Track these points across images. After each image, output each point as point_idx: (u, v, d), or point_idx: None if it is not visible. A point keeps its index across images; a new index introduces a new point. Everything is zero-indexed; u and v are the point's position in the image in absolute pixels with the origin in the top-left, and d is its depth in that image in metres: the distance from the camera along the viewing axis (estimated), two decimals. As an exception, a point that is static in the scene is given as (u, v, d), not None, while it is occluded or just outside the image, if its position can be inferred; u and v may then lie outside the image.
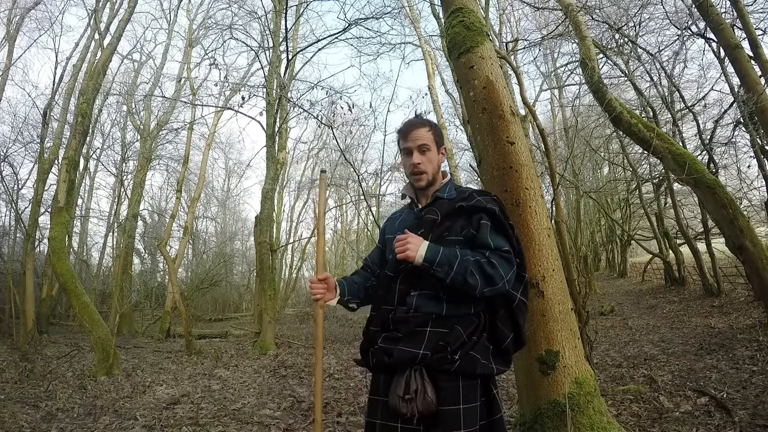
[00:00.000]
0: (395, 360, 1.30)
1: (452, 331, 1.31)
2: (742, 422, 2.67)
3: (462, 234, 1.38)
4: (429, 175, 1.47)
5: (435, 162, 1.49)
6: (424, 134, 1.48)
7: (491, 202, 1.41)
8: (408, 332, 1.33)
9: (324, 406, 3.93)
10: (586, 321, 3.74)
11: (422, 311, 1.34)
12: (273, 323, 8.27)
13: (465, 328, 1.32)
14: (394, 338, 1.34)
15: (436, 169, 1.49)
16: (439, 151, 1.52)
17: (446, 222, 1.40)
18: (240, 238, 26.69)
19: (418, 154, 1.46)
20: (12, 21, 11.66)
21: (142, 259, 20.26)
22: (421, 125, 1.49)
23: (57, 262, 6.13)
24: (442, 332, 1.31)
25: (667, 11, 8.41)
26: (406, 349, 1.30)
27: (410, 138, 1.47)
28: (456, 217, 1.40)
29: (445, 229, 1.39)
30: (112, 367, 5.79)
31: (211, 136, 15.62)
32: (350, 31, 8.67)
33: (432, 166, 1.48)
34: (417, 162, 1.45)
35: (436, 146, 1.49)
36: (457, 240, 1.37)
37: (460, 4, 2.85)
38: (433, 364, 1.28)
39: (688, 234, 10.15)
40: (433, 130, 1.51)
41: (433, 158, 1.48)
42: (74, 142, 6.82)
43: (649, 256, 13.69)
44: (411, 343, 1.31)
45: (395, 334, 1.34)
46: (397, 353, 1.30)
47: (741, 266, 6.73)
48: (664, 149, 5.54)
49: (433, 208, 1.45)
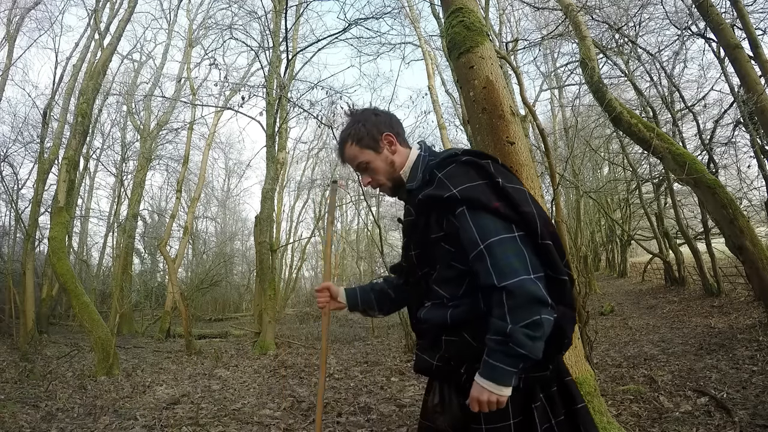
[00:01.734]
0: (417, 369, 1.25)
1: (459, 339, 1.14)
2: (742, 422, 2.67)
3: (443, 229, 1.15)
4: (386, 182, 1.31)
5: (382, 165, 1.29)
6: (351, 153, 1.31)
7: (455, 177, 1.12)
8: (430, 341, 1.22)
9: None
10: (586, 321, 3.74)
11: (431, 323, 1.21)
12: (273, 323, 8.27)
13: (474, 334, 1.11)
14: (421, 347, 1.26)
15: (389, 170, 1.29)
16: (380, 148, 1.28)
17: (421, 220, 1.19)
18: (240, 238, 26.69)
19: (362, 174, 1.34)
20: (12, 21, 11.66)
21: (142, 259, 20.26)
22: (343, 144, 1.33)
23: (57, 262, 6.14)
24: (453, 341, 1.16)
25: (667, 11, 8.42)
26: (425, 359, 1.22)
27: (347, 164, 1.36)
28: (427, 212, 1.17)
29: (423, 228, 1.19)
30: (112, 367, 5.79)
31: (211, 136, 15.63)
32: (350, 31, 8.69)
33: (382, 173, 1.30)
34: (366, 183, 1.34)
35: (371, 150, 1.28)
36: (440, 237, 1.16)
37: (460, 4, 2.85)
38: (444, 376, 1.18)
39: (688, 234, 10.15)
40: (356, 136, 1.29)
41: (377, 164, 1.29)
42: (74, 142, 6.82)
43: (649, 256, 13.69)
44: (430, 352, 1.21)
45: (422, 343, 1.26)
46: (419, 362, 1.24)
47: (741, 266, 6.72)
48: (664, 149, 5.54)
49: (408, 207, 1.27)
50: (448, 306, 1.17)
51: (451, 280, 1.17)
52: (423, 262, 1.23)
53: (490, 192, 1.09)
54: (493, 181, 1.10)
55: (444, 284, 1.19)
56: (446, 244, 1.15)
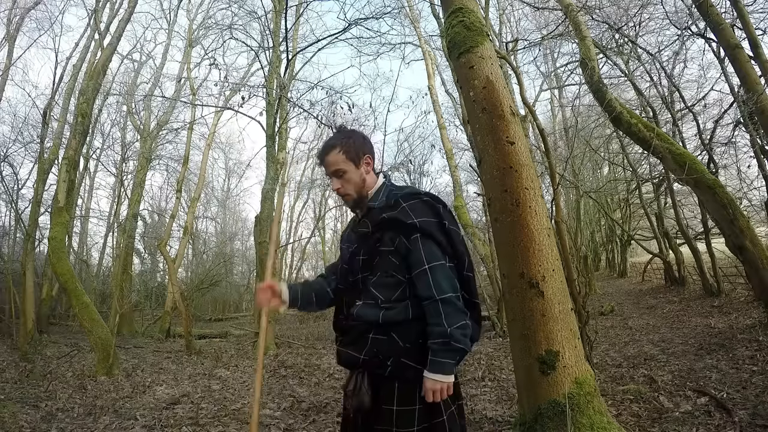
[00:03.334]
0: (343, 362, 1.49)
1: (388, 338, 1.40)
2: (742, 422, 2.67)
3: (394, 245, 1.42)
4: (353, 194, 1.52)
5: (356, 179, 1.50)
6: (335, 159, 1.50)
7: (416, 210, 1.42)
8: (353, 338, 1.45)
9: (324, 406, 3.94)
10: (586, 321, 3.74)
11: (363, 320, 1.43)
12: (273, 323, 8.27)
13: (401, 335, 1.40)
14: (343, 342, 1.49)
15: (359, 185, 1.51)
16: (359, 164, 1.51)
17: (376, 234, 1.44)
18: (240, 238, 26.70)
19: (336, 179, 1.51)
20: (12, 21, 11.66)
21: (142, 259, 20.25)
22: (331, 149, 1.51)
23: (57, 262, 6.13)
24: (381, 339, 1.40)
25: (667, 11, 8.41)
26: (351, 353, 1.45)
27: (325, 167, 1.53)
28: (385, 229, 1.43)
29: (376, 240, 1.44)
30: (112, 367, 5.79)
31: (211, 136, 15.63)
32: (350, 31, 8.63)
33: (353, 185, 1.51)
34: (336, 188, 1.51)
35: (353, 163, 1.50)
36: (389, 251, 1.42)
37: (460, 4, 2.85)
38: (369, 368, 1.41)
39: (688, 234, 10.14)
40: (345, 147, 1.50)
41: (352, 177, 1.50)
42: (74, 142, 6.82)
43: (649, 256, 13.68)
44: (354, 347, 1.44)
45: (345, 339, 1.49)
46: (344, 356, 1.48)
47: (741, 266, 6.72)
48: (664, 149, 5.54)
49: (365, 220, 1.50)
50: (381, 307, 1.42)
51: (389, 286, 1.43)
52: (366, 266, 1.46)
53: (438, 229, 1.42)
54: (441, 222, 1.44)
55: (381, 288, 1.43)
56: (392, 257, 1.42)
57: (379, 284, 1.44)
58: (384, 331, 1.40)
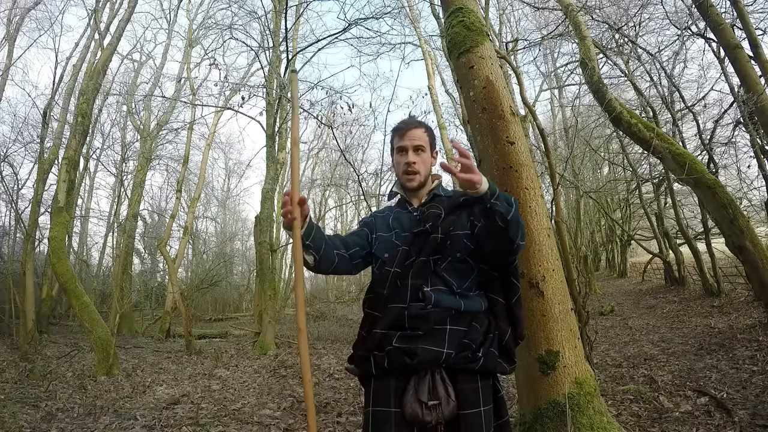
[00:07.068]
0: (420, 360, 1.20)
1: (470, 328, 1.27)
2: (742, 422, 2.67)
3: (469, 226, 1.35)
4: (421, 176, 1.45)
5: (428, 163, 1.48)
6: (421, 135, 1.46)
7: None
8: (428, 330, 1.24)
9: (324, 406, 3.94)
10: (586, 321, 3.74)
11: (442, 306, 1.27)
12: (273, 323, 8.26)
13: (481, 325, 1.30)
14: (413, 337, 1.24)
15: (428, 171, 1.48)
16: (432, 154, 1.51)
17: (451, 216, 1.37)
18: (240, 238, 26.68)
19: (413, 153, 1.44)
20: (12, 21, 11.65)
21: (142, 259, 20.25)
22: (418, 125, 1.49)
23: (57, 262, 6.13)
24: (462, 330, 1.25)
25: (667, 11, 8.41)
26: (431, 348, 1.21)
27: (407, 137, 1.45)
28: (462, 210, 1.38)
29: (450, 223, 1.36)
30: (112, 367, 5.79)
31: (211, 136, 15.61)
32: (350, 31, 8.63)
33: (425, 167, 1.46)
34: (412, 161, 1.43)
35: (430, 148, 1.49)
36: (465, 234, 1.35)
37: (460, 4, 2.85)
38: (458, 363, 1.22)
39: (688, 234, 10.14)
40: (429, 132, 1.50)
41: (427, 160, 1.47)
42: (74, 142, 6.82)
43: (649, 256, 13.67)
44: (433, 341, 1.22)
45: (415, 332, 1.24)
46: (421, 353, 1.20)
47: (741, 266, 6.71)
48: (664, 149, 5.54)
49: (435, 204, 1.43)
50: (457, 293, 1.31)
51: (461, 272, 1.34)
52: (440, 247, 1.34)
53: None
54: None
55: (453, 273, 1.33)
56: (468, 241, 1.34)
57: (450, 268, 1.33)
58: (464, 321, 1.27)
